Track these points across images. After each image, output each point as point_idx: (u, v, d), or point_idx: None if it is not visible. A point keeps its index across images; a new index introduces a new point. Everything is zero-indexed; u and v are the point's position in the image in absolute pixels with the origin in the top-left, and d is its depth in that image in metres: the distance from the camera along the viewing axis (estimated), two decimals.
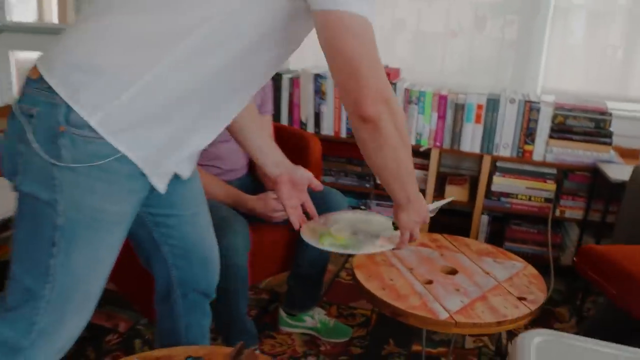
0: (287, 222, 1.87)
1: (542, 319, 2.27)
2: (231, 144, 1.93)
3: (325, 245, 1.36)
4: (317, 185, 1.42)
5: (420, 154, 2.65)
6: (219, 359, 1.26)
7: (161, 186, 1.15)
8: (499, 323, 1.48)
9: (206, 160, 1.91)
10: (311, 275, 2.04)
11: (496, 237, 2.73)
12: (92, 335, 2.12)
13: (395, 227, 1.37)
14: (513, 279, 1.69)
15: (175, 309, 1.45)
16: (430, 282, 1.64)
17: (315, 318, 2.11)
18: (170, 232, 1.32)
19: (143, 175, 1.10)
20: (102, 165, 1.03)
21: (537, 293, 1.61)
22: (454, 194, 2.68)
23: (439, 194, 2.70)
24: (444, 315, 1.47)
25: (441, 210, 1.55)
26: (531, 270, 1.75)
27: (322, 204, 1.84)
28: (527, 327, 2.09)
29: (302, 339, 2.12)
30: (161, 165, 1.13)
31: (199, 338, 1.53)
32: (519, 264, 1.80)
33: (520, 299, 1.58)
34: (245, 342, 1.83)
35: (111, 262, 1.15)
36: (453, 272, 1.72)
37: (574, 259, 1.74)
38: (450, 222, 2.69)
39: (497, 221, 2.74)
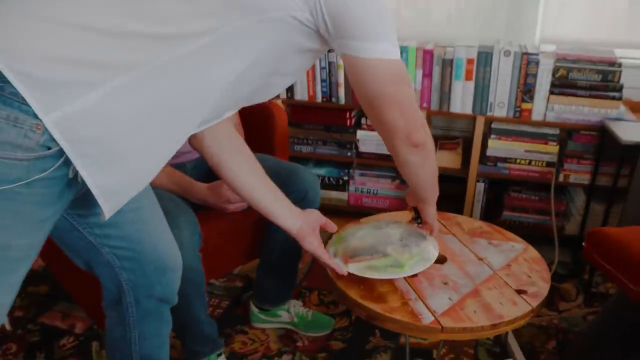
0: (247, 210, 1.64)
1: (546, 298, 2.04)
2: None
3: (411, 267, 1.32)
4: (328, 224, 1.38)
5: None
6: None
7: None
8: (493, 326, 1.24)
9: None
10: (283, 264, 1.80)
11: (494, 206, 2.48)
12: (44, 339, 1.90)
13: (418, 223, 1.47)
14: (511, 265, 1.44)
15: (126, 317, 1.27)
16: (414, 275, 1.40)
17: (292, 311, 1.88)
18: (108, 232, 1.14)
19: (62, 197, 0.89)
20: (6, 192, 0.81)
21: (540, 284, 1.37)
22: (446, 160, 2.42)
23: None
24: (428, 319, 1.24)
25: None
26: (532, 253, 1.51)
27: (291, 184, 1.61)
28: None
29: (278, 334, 1.90)
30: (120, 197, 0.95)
31: (156, 349, 1.34)
32: (518, 245, 1.55)
33: (520, 292, 1.33)
34: (202, 351, 1.63)
35: (12, 300, 0.94)
36: (441, 260, 1.47)
37: (583, 244, 1.49)
38: (443, 191, 2.43)
39: (495, 188, 2.49)
